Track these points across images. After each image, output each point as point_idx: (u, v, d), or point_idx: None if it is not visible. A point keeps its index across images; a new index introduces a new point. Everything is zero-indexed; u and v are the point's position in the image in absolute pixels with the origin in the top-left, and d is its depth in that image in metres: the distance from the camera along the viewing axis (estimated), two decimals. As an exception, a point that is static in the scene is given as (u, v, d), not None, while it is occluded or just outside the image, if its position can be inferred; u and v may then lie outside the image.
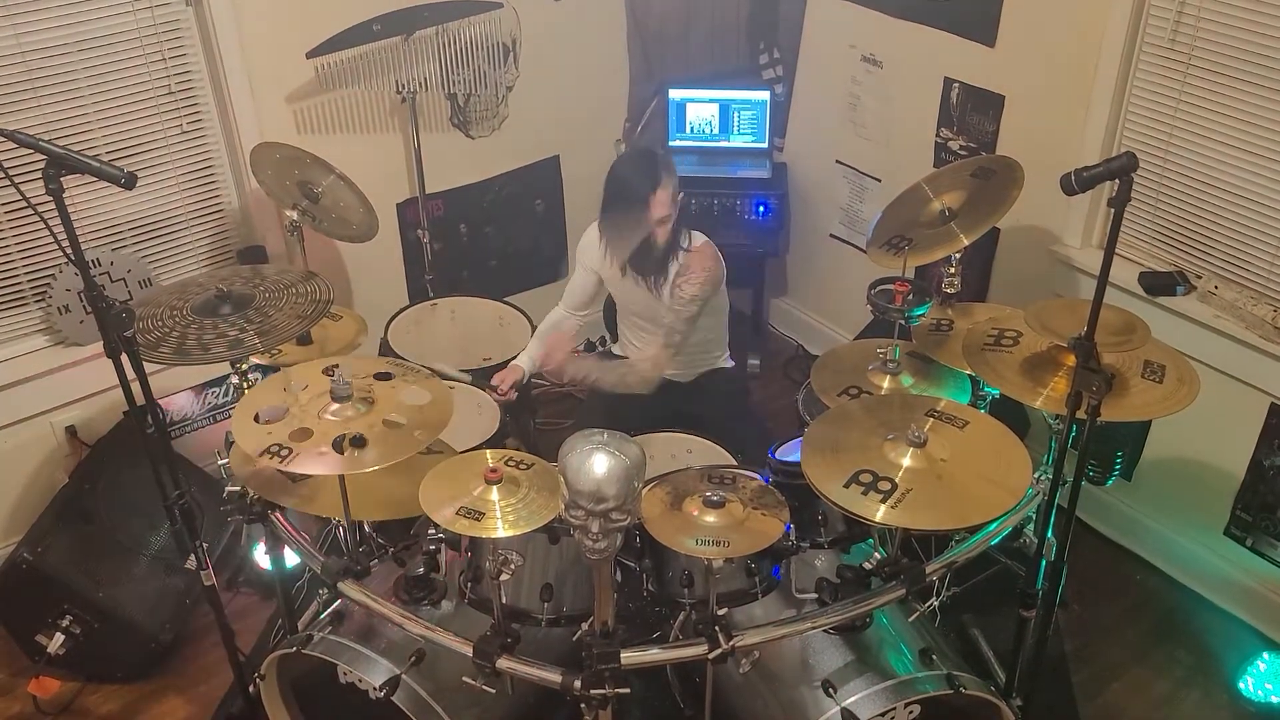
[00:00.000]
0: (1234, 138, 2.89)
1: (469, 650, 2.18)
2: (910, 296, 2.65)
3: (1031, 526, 2.54)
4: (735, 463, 2.86)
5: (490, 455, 2.26)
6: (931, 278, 3.18)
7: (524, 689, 2.25)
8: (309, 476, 2.47)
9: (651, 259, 2.99)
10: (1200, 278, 3.06)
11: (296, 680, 2.64)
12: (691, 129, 4.07)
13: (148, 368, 2.23)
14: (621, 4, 3.97)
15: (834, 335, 4.27)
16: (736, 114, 4.05)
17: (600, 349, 4.09)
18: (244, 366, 2.54)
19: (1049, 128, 3.26)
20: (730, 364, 3.31)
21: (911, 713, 2.36)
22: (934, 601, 2.49)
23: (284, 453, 2.16)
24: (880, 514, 2.12)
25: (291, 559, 2.73)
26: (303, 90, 3.41)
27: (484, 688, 2.21)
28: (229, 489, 2.49)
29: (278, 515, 2.50)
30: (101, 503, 3.14)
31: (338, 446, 2.16)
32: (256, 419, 2.25)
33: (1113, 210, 1.99)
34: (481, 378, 3.19)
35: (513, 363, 3.19)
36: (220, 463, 2.52)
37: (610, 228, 3.01)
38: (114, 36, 3.06)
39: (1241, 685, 3.02)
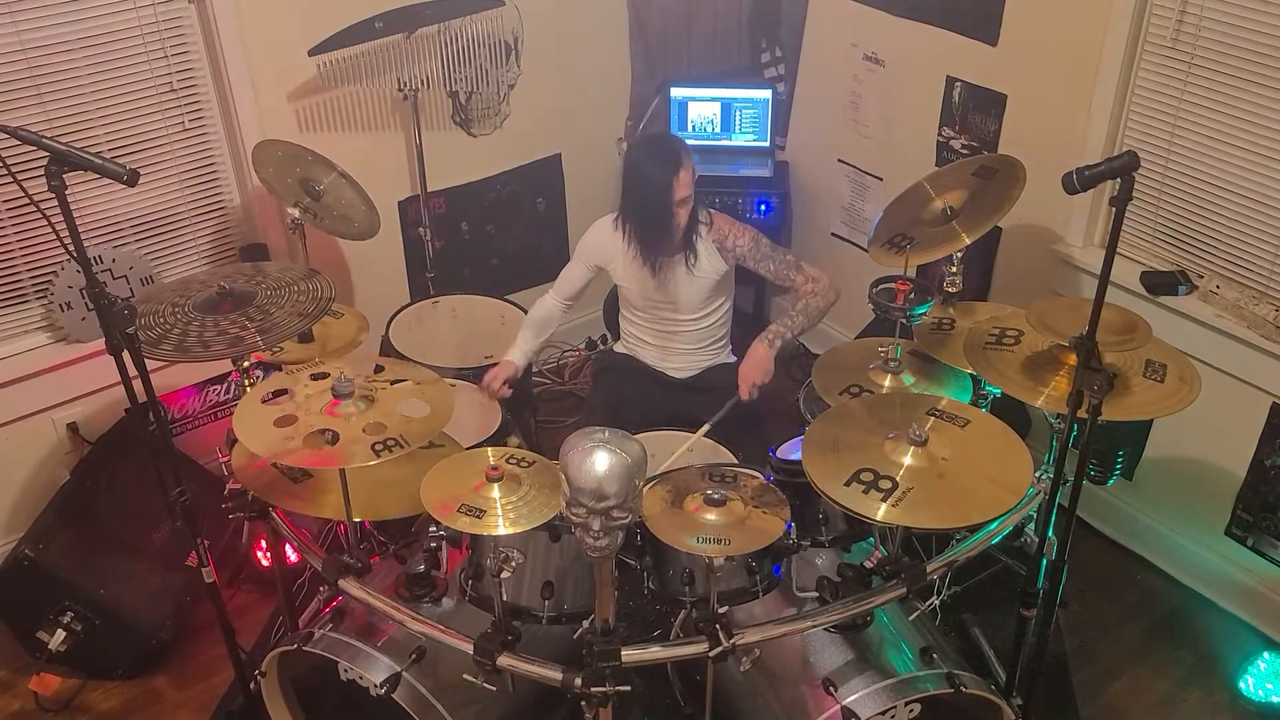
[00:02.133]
0: (1236, 137, 2.88)
1: (470, 648, 2.19)
2: (912, 295, 2.65)
3: (1032, 525, 2.54)
4: (736, 461, 2.86)
5: (491, 453, 2.26)
6: (933, 276, 3.18)
7: (525, 687, 2.25)
8: (310, 476, 2.47)
9: (673, 241, 3.01)
10: (1202, 277, 3.06)
11: (297, 678, 2.65)
12: (693, 127, 4.07)
13: (149, 365, 2.23)
14: (623, 2, 3.96)
15: (835, 334, 4.27)
16: (738, 112, 4.05)
17: (601, 347, 4.11)
18: (245, 364, 2.54)
19: (1051, 127, 3.26)
20: (733, 359, 3.30)
21: (912, 711, 2.36)
22: (934, 600, 2.49)
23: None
24: (881, 512, 2.12)
25: (292, 556, 2.74)
26: (305, 88, 3.41)
27: (485, 685, 2.21)
28: (230, 486, 2.50)
29: (279, 512, 2.50)
30: (103, 500, 3.14)
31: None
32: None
33: (1114, 209, 1.99)
34: (482, 376, 3.19)
35: (504, 359, 3.19)
36: (221, 460, 2.53)
37: (633, 217, 3.02)
38: (116, 33, 3.06)
39: (1242, 685, 3.02)
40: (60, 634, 2.98)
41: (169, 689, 3.08)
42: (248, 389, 2.51)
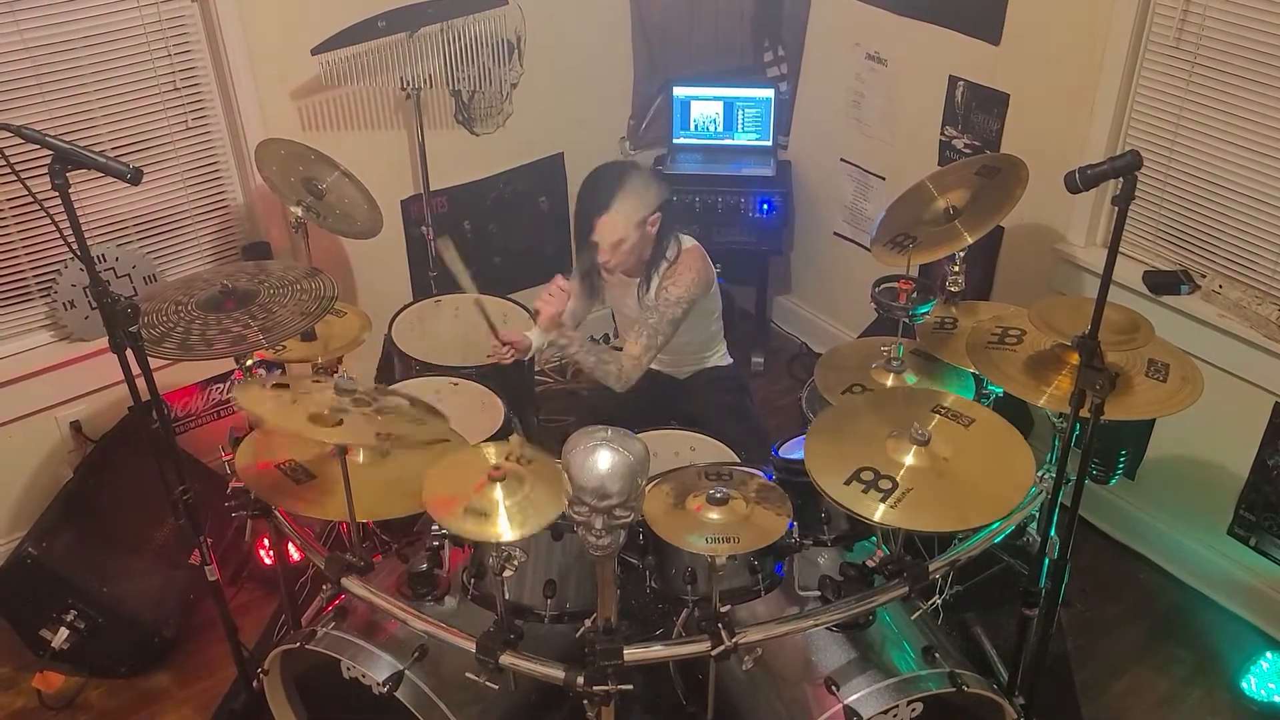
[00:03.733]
0: (1239, 136, 2.88)
1: (472, 646, 2.19)
2: (914, 294, 2.65)
3: (1035, 525, 2.54)
4: (738, 460, 2.86)
5: (492, 450, 2.25)
6: (935, 276, 3.18)
7: (527, 685, 2.25)
8: (314, 478, 2.47)
9: (600, 272, 3.00)
10: (1205, 277, 3.06)
11: (300, 676, 2.65)
12: (696, 126, 4.07)
13: (152, 363, 2.23)
14: (626, 1, 3.96)
15: (838, 333, 4.27)
16: (741, 111, 4.05)
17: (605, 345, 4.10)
18: (248, 362, 2.54)
19: (1053, 126, 3.26)
20: (728, 362, 3.30)
21: (914, 710, 2.36)
22: (937, 599, 2.49)
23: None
24: (879, 513, 2.11)
25: (295, 554, 2.74)
26: (307, 86, 3.41)
27: (487, 684, 2.21)
28: (233, 484, 2.50)
29: (281, 510, 2.50)
30: (106, 498, 3.15)
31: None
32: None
33: (1117, 208, 1.99)
34: (484, 375, 3.19)
35: (526, 333, 3.14)
36: (224, 459, 2.53)
37: (576, 236, 3.03)
38: (119, 32, 3.06)
39: (1244, 685, 3.02)
40: (63, 632, 2.98)
41: (172, 687, 3.08)
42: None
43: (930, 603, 2.47)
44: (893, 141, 3.82)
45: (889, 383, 2.69)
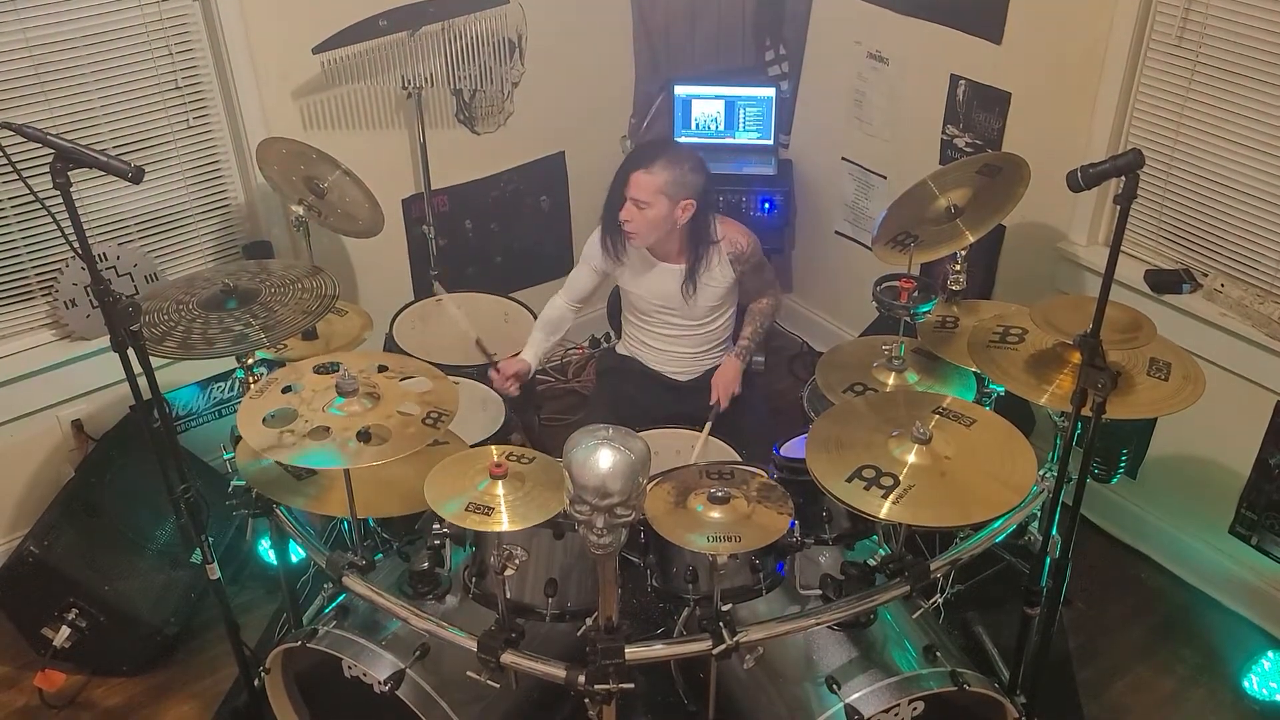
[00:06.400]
0: (1241, 135, 2.88)
1: (474, 645, 2.19)
2: (916, 293, 2.65)
3: (1036, 524, 2.54)
4: (739, 459, 2.87)
5: (495, 451, 2.26)
6: (937, 275, 3.18)
7: (528, 684, 2.25)
8: (314, 474, 2.48)
9: (625, 238, 3.05)
10: (1206, 275, 3.06)
11: (301, 674, 2.65)
12: (697, 125, 4.07)
13: (154, 362, 2.23)
14: (628, 0, 3.96)
15: (839, 332, 4.27)
16: (742, 110, 4.05)
17: (604, 345, 4.11)
18: (250, 361, 2.54)
19: (1055, 125, 3.26)
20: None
21: (915, 709, 2.36)
22: (938, 598, 2.49)
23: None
24: (884, 510, 2.11)
25: (297, 553, 2.74)
26: (309, 85, 3.41)
27: (488, 682, 2.21)
28: (234, 483, 2.50)
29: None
30: (107, 496, 3.15)
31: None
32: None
33: (1119, 207, 1.98)
34: (485, 375, 3.19)
35: (519, 355, 3.19)
36: (226, 457, 2.53)
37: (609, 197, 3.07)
38: (121, 31, 3.06)
39: (1246, 684, 3.01)
40: (65, 631, 2.99)
41: (173, 685, 3.08)
42: (251, 386, 2.52)
43: (931, 601, 2.47)
44: (894, 140, 3.82)
45: (890, 382, 2.69)
